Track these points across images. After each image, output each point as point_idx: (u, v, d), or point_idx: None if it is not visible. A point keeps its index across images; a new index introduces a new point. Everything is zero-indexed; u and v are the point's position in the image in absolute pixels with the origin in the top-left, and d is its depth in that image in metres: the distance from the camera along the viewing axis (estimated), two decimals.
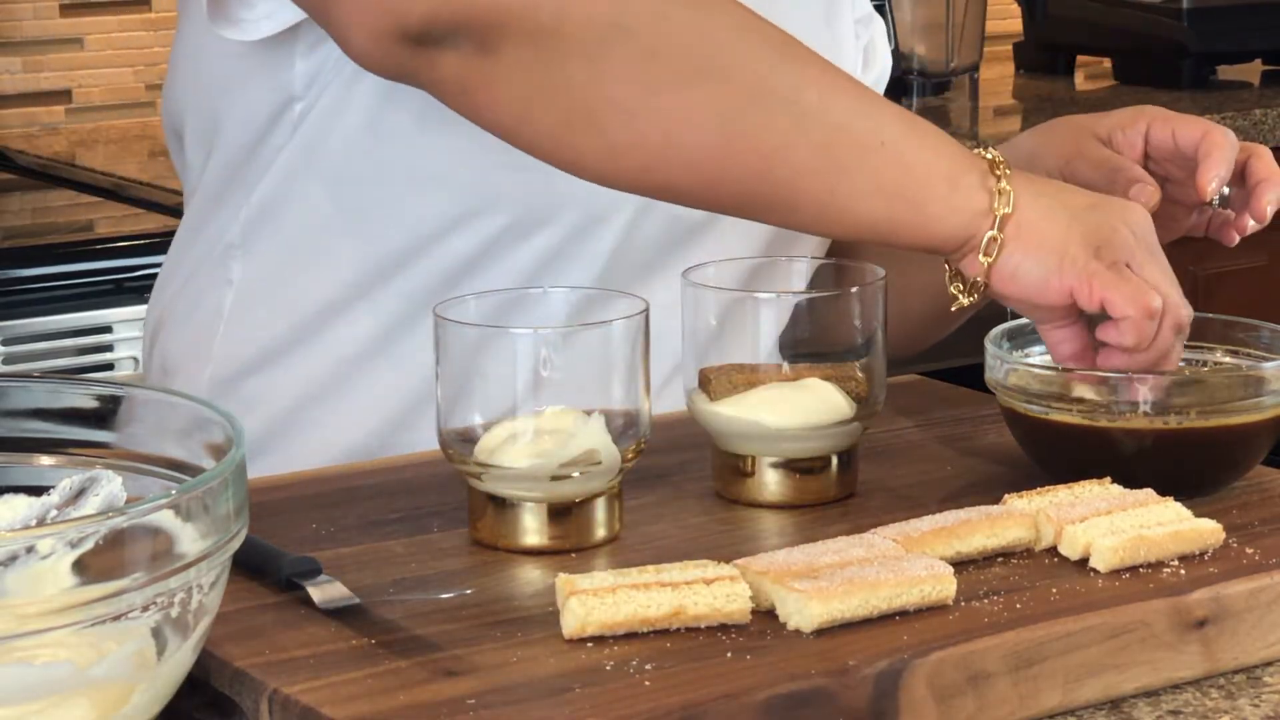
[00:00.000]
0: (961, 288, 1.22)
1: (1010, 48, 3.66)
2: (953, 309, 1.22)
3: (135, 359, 2.27)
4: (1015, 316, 1.27)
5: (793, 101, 1.18)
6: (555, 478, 1.11)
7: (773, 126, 1.18)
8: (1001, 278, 1.19)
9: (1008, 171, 1.19)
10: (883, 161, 1.19)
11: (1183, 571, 1.07)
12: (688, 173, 1.19)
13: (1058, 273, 1.18)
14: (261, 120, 1.36)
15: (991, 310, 1.54)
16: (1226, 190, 1.34)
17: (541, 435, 1.11)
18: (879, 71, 1.58)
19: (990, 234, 1.18)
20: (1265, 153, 1.34)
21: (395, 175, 1.34)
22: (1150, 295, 1.18)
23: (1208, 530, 1.10)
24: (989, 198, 1.18)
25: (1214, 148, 1.31)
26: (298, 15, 1.30)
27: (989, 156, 1.20)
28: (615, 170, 1.21)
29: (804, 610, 0.99)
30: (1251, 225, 1.34)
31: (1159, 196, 1.30)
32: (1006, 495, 1.13)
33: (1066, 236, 1.18)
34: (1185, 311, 1.20)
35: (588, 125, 1.18)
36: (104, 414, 1.00)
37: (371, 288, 1.37)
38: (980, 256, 1.18)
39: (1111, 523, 1.09)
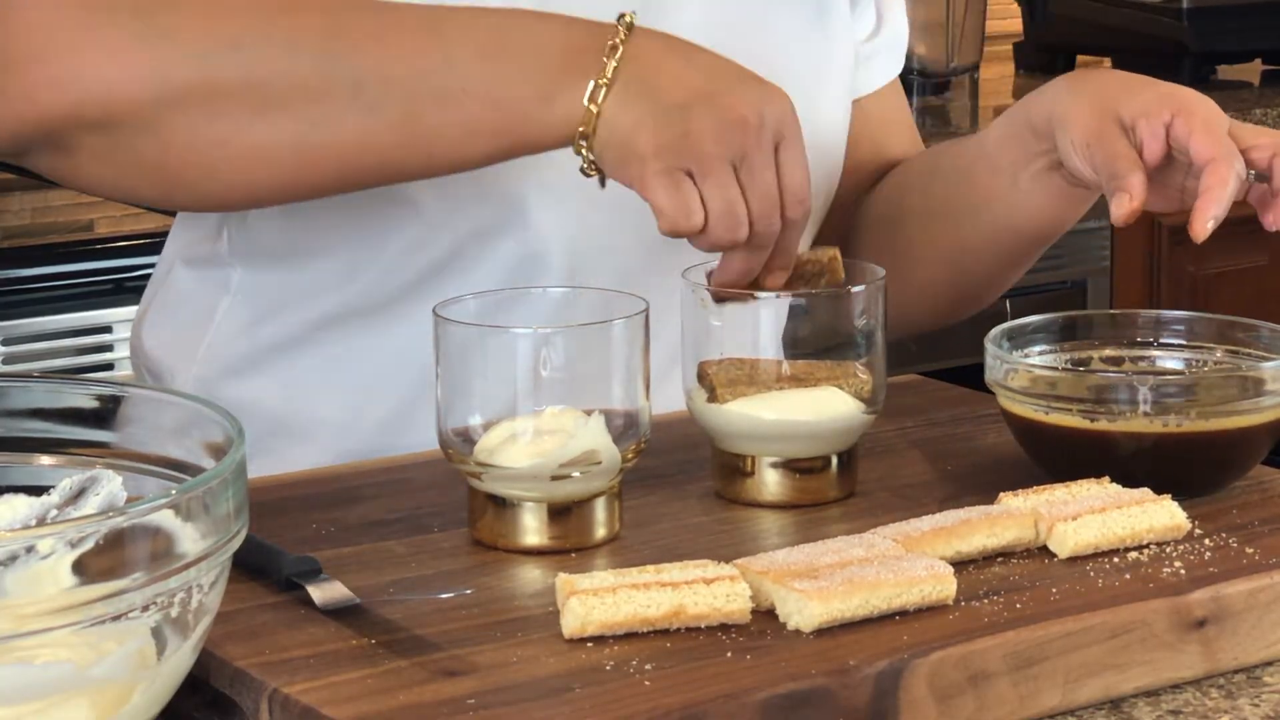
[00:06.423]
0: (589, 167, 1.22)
1: (1010, 48, 3.66)
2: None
3: None
4: (1015, 316, 1.27)
5: (354, 95, 1.20)
6: (555, 478, 1.11)
7: (344, 127, 1.21)
8: (604, 167, 1.19)
9: (616, 58, 1.18)
10: (469, 108, 1.20)
11: (1183, 571, 1.07)
12: (285, 193, 1.25)
13: (622, 168, 1.18)
14: None
15: (991, 310, 1.54)
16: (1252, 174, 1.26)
17: (541, 435, 1.11)
18: (891, 34, 1.55)
19: (581, 129, 1.18)
20: None
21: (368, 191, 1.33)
22: (685, 212, 1.16)
23: (1175, 526, 1.11)
24: (585, 97, 1.18)
25: (1215, 184, 1.24)
26: None
27: (610, 41, 1.19)
28: (228, 205, 1.30)
29: (804, 610, 0.99)
30: None
31: (1128, 210, 1.25)
32: (1001, 494, 1.13)
33: (634, 134, 1.17)
34: (758, 227, 1.17)
35: (180, 185, 1.24)
36: (104, 414, 1.00)
37: (360, 291, 1.36)
38: (578, 145, 1.19)
39: (1104, 521, 1.09)
